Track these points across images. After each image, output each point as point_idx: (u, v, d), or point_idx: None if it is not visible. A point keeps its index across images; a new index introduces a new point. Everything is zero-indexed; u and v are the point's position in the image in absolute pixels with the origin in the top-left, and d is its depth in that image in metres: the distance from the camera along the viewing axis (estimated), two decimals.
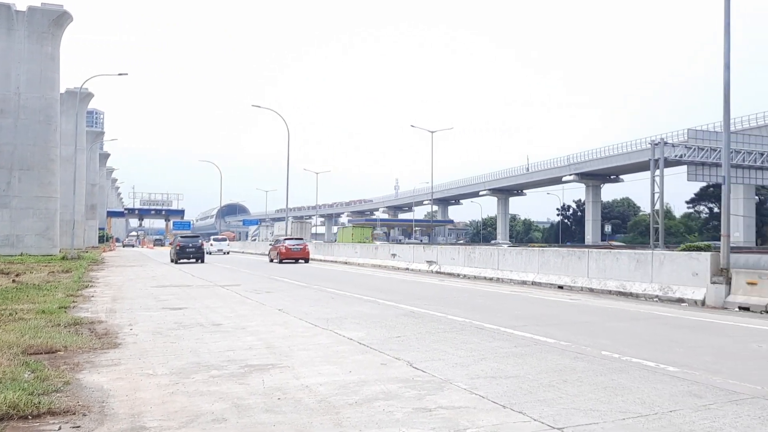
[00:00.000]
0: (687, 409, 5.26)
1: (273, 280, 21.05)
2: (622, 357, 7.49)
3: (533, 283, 19.27)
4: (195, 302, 13.84)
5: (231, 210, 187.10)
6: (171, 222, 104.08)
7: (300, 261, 35.31)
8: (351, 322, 10.58)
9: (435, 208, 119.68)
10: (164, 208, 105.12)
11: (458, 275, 23.28)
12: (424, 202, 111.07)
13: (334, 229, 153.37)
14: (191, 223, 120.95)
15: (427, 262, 26.15)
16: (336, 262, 35.75)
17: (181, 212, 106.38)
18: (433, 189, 78.83)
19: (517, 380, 6.27)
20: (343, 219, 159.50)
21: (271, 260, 36.86)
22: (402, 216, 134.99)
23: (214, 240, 55.93)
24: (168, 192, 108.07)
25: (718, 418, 5.00)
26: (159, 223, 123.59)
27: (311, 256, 37.42)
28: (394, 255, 29.69)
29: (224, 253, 51.37)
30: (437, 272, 24.91)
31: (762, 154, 39.54)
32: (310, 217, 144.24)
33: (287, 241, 36.47)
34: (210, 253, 48.51)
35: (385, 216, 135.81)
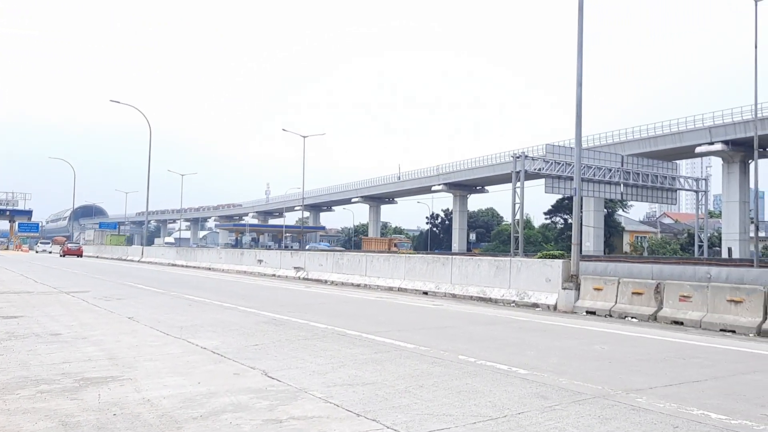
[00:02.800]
0: (534, 410, 5.37)
1: (127, 286, 19.73)
2: (477, 361, 7.62)
3: (399, 289, 19.49)
4: (34, 310, 12.57)
5: (87, 212, 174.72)
6: (16, 223, 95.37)
7: (75, 256, 53.78)
8: (207, 330, 10.03)
9: (306, 214, 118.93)
10: (8, 208, 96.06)
11: (326, 282, 23.10)
12: (296, 208, 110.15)
13: (201, 233, 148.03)
14: (39, 224, 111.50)
15: (295, 268, 25.75)
16: (199, 267, 34.34)
17: (28, 213, 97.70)
18: (304, 195, 78.25)
19: (374, 387, 6.15)
20: (210, 223, 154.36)
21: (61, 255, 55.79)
22: (272, 222, 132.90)
23: (41, 242, 74.35)
24: (14, 191, 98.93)
25: (562, 418, 5.15)
26: (3, 225, 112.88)
27: (172, 261, 39.31)
28: (260, 261, 28.97)
29: (48, 253, 68.25)
30: (305, 278, 24.58)
31: (610, 170, 42.91)
32: (174, 220, 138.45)
33: (69, 244, 59.67)
34: (37, 252, 66.67)
35: (255, 221, 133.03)
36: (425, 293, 18.40)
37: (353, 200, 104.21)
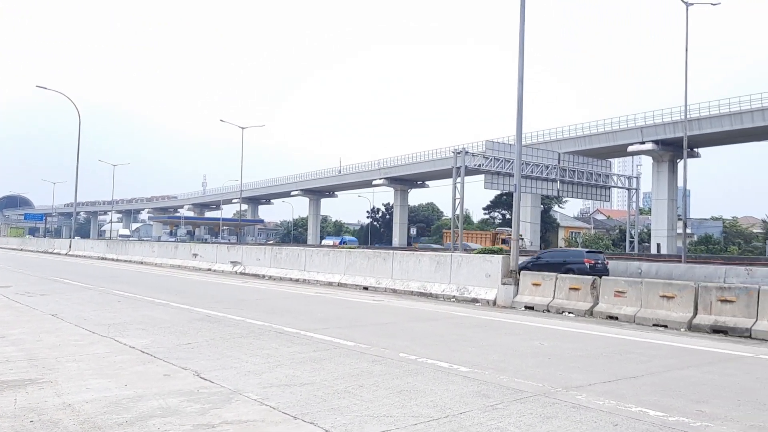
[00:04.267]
0: (476, 410, 5.27)
1: (52, 281, 18.78)
2: (418, 358, 7.49)
3: (339, 285, 19.26)
4: None
5: (11, 202, 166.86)
6: None
7: None
8: (136, 328, 9.57)
9: (244, 206, 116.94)
10: None
11: (264, 276, 22.63)
12: (233, 201, 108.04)
13: (134, 225, 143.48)
14: None
15: (231, 262, 25.14)
16: (131, 261, 33.13)
17: None
18: (242, 187, 76.85)
19: (313, 387, 5.93)
20: (144, 216, 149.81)
21: None
22: (209, 214, 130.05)
23: None
24: None
25: (504, 417, 5.06)
26: None
27: (102, 254, 37.69)
28: (195, 255, 28.18)
29: None
30: (242, 273, 24.02)
31: (547, 167, 43.81)
32: (105, 212, 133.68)
33: None
34: None
35: (191, 214, 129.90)
36: (366, 288, 18.23)
37: (293, 193, 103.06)
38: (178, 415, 4.99)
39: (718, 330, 10.79)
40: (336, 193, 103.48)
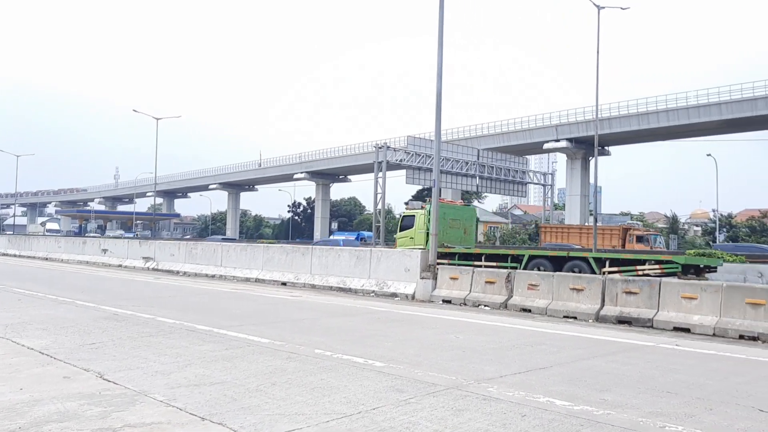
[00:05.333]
0: (389, 405, 5.26)
1: None
2: (334, 354, 7.43)
3: (257, 280, 18.91)
4: None
5: None
6: None
7: None
8: (37, 328, 9.02)
9: (159, 200, 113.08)
10: None
11: (178, 272, 21.94)
12: (148, 194, 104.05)
13: (40, 219, 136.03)
14: None
15: (144, 258, 24.24)
16: (35, 258, 31.41)
17: None
18: (156, 180, 74.17)
19: (223, 387, 5.75)
20: (51, 209, 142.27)
21: None
22: (122, 208, 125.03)
23: None
24: None
25: (416, 411, 5.07)
26: None
27: (3, 250, 35.42)
28: (105, 250, 27.00)
29: None
30: (155, 269, 23.20)
31: (467, 163, 44.66)
32: (8, 206, 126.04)
33: None
34: None
35: (102, 207, 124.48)
36: (284, 284, 17.99)
37: (211, 187, 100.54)
38: (77, 419, 4.72)
39: (623, 321, 11.29)
40: (256, 187, 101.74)
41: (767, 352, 8.74)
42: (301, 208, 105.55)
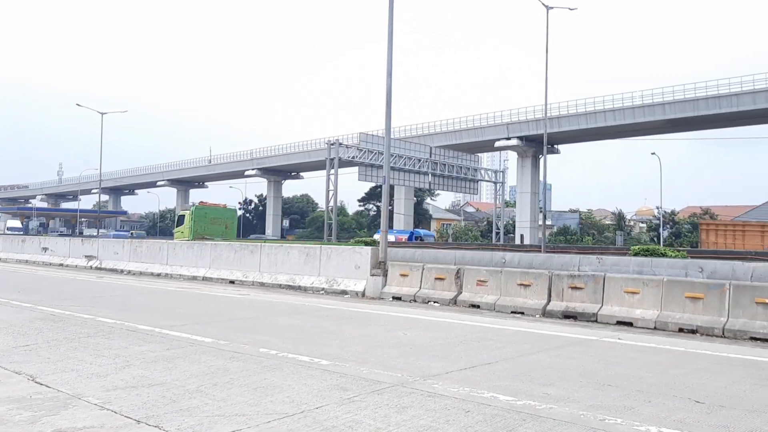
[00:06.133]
0: (333, 403, 5.18)
1: None
2: (279, 353, 7.30)
3: (204, 279, 18.55)
4: None
5: None
6: None
7: None
8: None
9: (105, 197, 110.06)
10: None
11: (122, 271, 21.35)
12: (93, 191, 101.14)
13: None
14: None
15: (86, 257, 23.50)
16: None
17: None
18: (102, 176, 72.18)
19: (162, 388, 5.57)
20: None
21: None
22: (66, 205, 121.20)
23: None
24: None
25: (360, 410, 5.01)
26: None
27: None
28: (45, 249, 26.07)
29: None
30: (98, 268, 22.52)
31: (420, 160, 44.88)
32: None
33: None
34: None
35: (45, 205, 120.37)
36: (232, 282, 17.69)
37: (159, 183, 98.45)
38: (4, 425, 4.50)
39: (568, 315, 11.48)
40: (206, 183, 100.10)
41: (705, 344, 9.01)
42: (253, 206, 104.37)
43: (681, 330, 10.08)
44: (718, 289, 10.09)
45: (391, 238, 47.38)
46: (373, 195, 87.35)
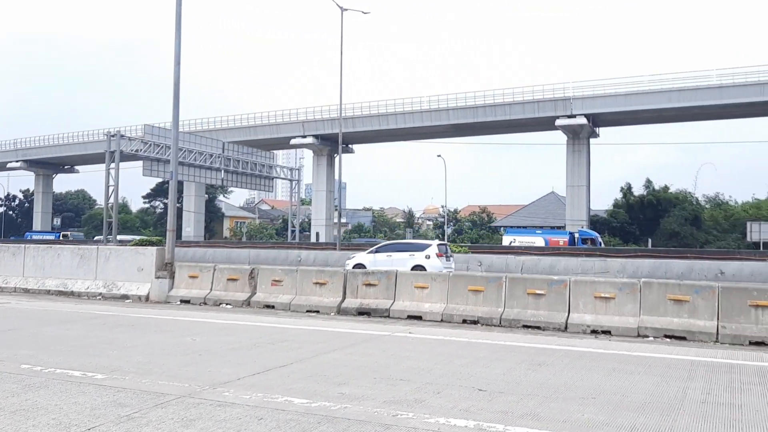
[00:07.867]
0: (109, 422, 4.61)
1: None
2: (45, 369, 6.40)
3: None
4: None
5: None
6: None
7: None
8: None
9: None
10: None
11: None
12: None
13: None
14: None
15: None
16: None
17: None
18: None
19: None
20: None
21: None
22: None
23: None
24: None
25: (141, 427, 4.52)
26: None
27: None
28: None
29: None
30: None
31: (212, 156, 43.23)
32: None
33: None
34: None
35: None
36: None
37: None
38: None
39: (363, 312, 11.68)
40: None
41: (485, 334, 9.68)
42: (17, 202, 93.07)
43: (465, 321, 10.75)
44: (496, 282, 10.93)
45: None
46: (160, 191, 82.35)
